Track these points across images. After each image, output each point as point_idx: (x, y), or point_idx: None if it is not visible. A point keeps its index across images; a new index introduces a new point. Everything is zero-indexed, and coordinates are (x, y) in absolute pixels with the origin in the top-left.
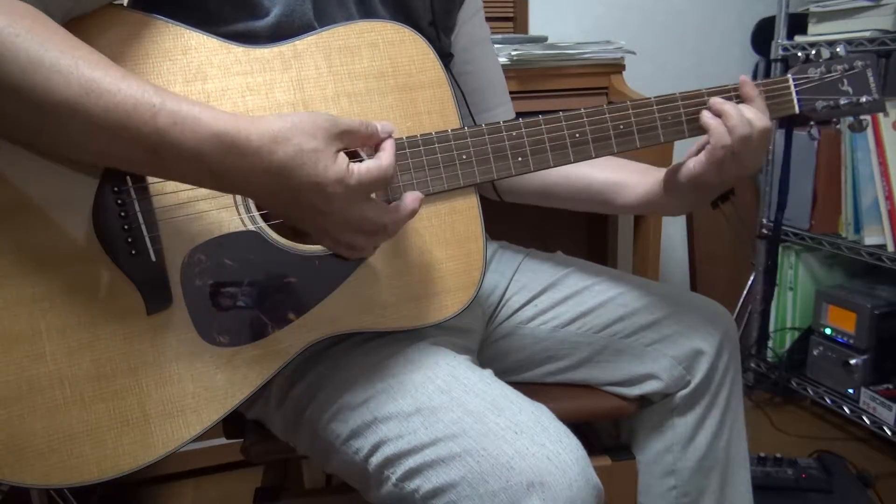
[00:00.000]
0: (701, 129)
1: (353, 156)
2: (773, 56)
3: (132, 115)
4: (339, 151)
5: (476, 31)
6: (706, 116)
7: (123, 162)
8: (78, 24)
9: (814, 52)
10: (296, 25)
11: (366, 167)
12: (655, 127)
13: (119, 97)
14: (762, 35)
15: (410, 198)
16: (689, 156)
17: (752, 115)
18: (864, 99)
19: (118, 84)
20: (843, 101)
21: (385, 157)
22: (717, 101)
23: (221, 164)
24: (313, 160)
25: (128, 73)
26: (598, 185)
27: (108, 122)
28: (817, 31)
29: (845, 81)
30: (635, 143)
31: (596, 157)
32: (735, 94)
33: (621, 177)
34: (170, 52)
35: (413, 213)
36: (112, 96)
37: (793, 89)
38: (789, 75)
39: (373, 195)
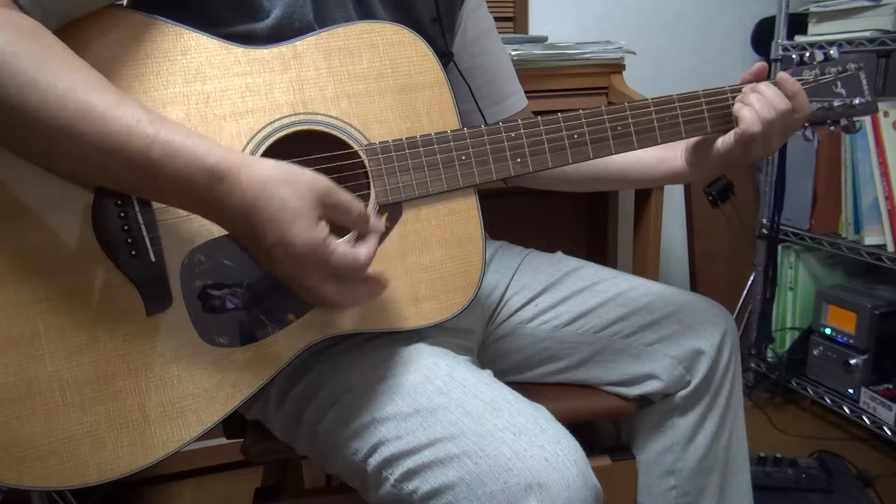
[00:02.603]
0: (698, 130)
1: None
2: (773, 56)
3: (126, 143)
4: (321, 219)
5: (482, 23)
6: (738, 107)
7: (114, 184)
8: (78, 24)
9: (808, 54)
10: (296, 27)
11: (343, 250)
12: (653, 128)
13: (114, 124)
14: (762, 35)
15: (376, 286)
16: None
17: (773, 98)
18: (857, 101)
19: (113, 111)
20: (836, 103)
21: (364, 251)
22: (745, 92)
23: (210, 194)
24: (289, 219)
25: (124, 98)
26: (616, 167)
27: (102, 147)
28: (817, 32)
29: (839, 83)
30: (633, 144)
31: (594, 158)
32: (732, 96)
33: (638, 155)
34: (169, 52)
35: (373, 297)
36: (106, 123)
37: None
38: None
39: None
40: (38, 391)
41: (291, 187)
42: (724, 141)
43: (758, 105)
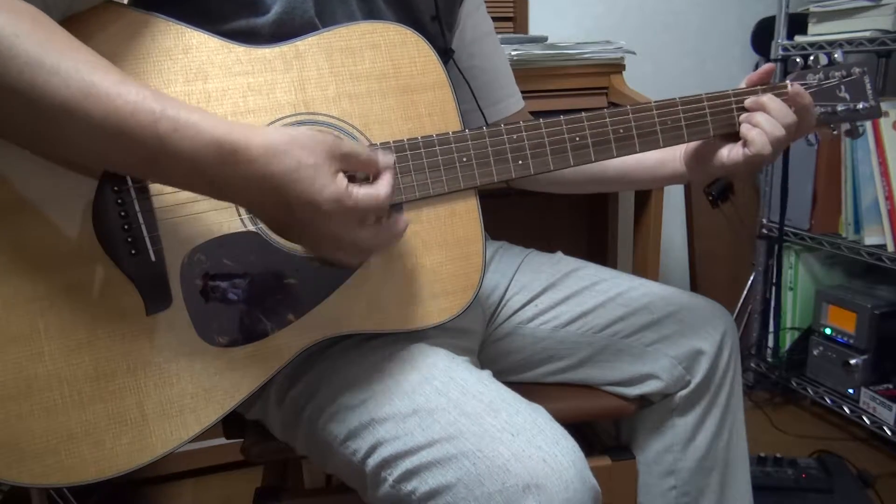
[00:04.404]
0: (700, 134)
1: (350, 179)
2: (773, 56)
3: (131, 120)
4: (338, 172)
5: (481, 24)
6: (746, 128)
7: (121, 166)
8: (78, 21)
9: (812, 58)
10: (297, 23)
11: (364, 192)
12: (655, 131)
13: (119, 101)
14: (762, 35)
15: (400, 223)
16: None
17: (780, 113)
18: (861, 105)
19: (118, 88)
20: (840, 108)
21: (383, 187)
22: (750, 108)
23: (220, 171)
24: (310, 176)
25: (127, 77)
26: (615, 169)
27: (107, 126)
28: (817, 31)
29: (843, 88)
30: (635, 147)
31: (596, 160)
32: (736, 99)
33: (637, 158)
34: (171, 51)
35: (400, 236)
36: (111, 100)
37: None
38: (788, 81)
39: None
40: (38, 389)
41: (300, 146)
42: (730, 157)
43: (767, 126)
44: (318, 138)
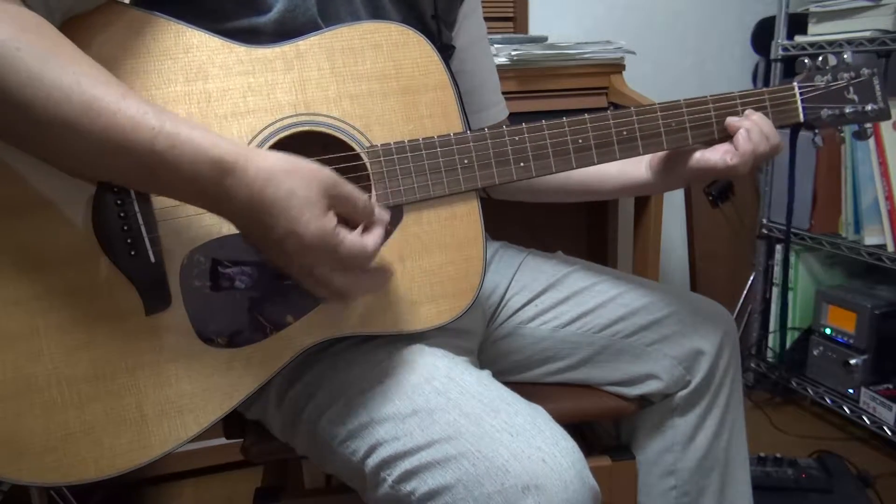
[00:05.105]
0: (705, 136)
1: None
2: (773, 56)
3: (130, 136)
4: (330, 209)
5: (474, 29)
6: (739, 137)
7: (122, 179)
8: (79, 21)
9: (820, 59)
10: (299, 21)
11: (352, 238)
12: (659, 134)
13: (119, 117)
14: (762, 35)
15: (382, 275)
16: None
17: (769, 131)
18: (869, 107)
19: (119, 103)
20: (848, 110)
21: (371, 239)
22: (736, 123)
23: (217, 188)
24: (299, 207)
25: (128, 92)
26: (577, 180)
27: (107, 141)
28: (817, 31)
29: (851, 89)
30: (639, 149)
31: (598, 163)
32: (741, 102)
33: (598, 168)
34: (171, 50)
35: (381, 287)
36: (112, 115)
37: (798, 97)
38: (795, 83)
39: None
40: (37, 388)
41: (298, 177)
42: (703, 162)
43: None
44: (318, 173)
